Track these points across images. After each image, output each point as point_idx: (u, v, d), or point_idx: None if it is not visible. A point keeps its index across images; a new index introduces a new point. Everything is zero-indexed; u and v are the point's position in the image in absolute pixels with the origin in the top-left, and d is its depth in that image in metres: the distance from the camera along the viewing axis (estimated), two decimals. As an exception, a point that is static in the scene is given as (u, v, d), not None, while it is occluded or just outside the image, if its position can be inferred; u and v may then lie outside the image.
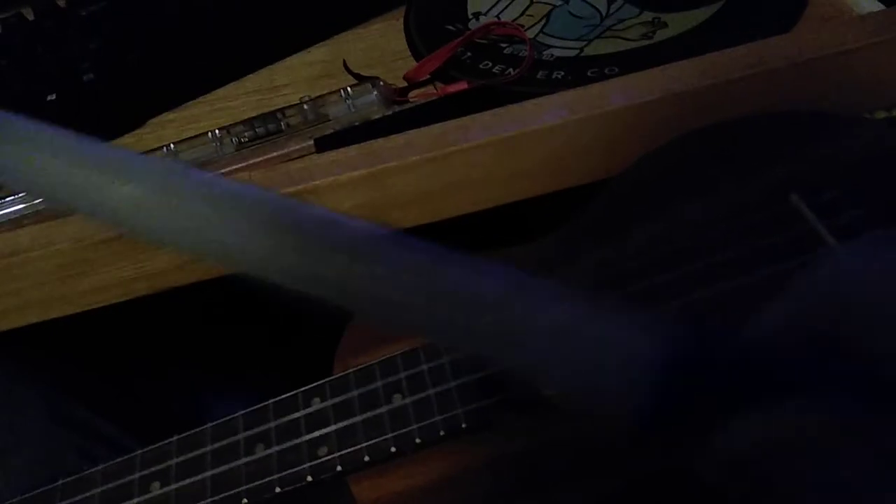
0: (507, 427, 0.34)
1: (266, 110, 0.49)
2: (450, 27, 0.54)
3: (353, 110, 0.48)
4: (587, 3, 0.54)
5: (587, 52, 0.49)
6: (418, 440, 0.34)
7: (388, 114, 0.48)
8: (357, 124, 0.48)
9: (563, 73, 0.48)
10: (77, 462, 0.45)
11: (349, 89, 0.49)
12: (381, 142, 0.43)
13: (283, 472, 0.34)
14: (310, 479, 0.34)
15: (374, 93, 0.49)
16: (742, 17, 0.49)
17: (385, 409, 0.35)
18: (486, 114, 0.43)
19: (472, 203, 0.44)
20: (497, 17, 0.54)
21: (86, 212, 0.23)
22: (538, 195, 0.43)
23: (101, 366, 0.52)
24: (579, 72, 0.48)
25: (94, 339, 0.50)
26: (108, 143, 0.24)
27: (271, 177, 0.43)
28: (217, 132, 0.48)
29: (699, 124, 0.41)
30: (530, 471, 0.34)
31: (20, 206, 0.47)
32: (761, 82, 0.42)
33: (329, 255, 0.21)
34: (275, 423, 0.36)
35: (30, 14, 0.57)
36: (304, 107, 0.48)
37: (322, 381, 0.37)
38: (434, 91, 0.49)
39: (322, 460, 0.34)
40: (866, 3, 0.47)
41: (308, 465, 0.34)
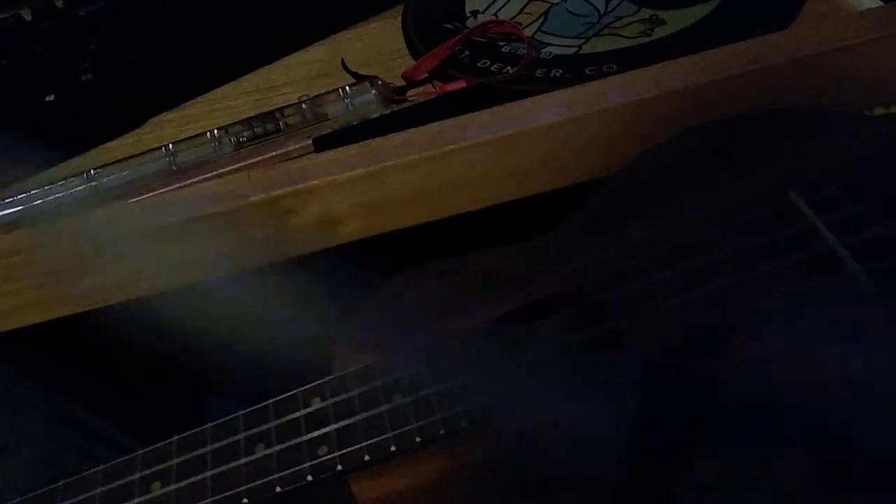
0: (507, 428, 0.34)
1: (264, 110, 0.49)
2: (448, 26, 0.54)
3: (351, 109, 0.48)
4: (585, 0, 0.54)
5: (585, 49, 0.49)
6: (418, 439, 0.34)
7: (386, 113, 0.48)
8: (355, 123, 0.48)
9: (561, 71, 0.48)
10: (77, 462, 0.45)
11: (347, 88, 0.49)
12: (380, 141, 0.43)
13: (284, 472, 0.34)
14: (310, 478, 0.34)
15: (373, 92, 0.49)
16: (740, 14, 0.49)
17: (385, 407, 0.35)
18: (485, 112, 0.43)
19: (471, 201, 0.44)
20: (495, 15, 0.54)
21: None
22: (537, 193, 0.44)
23: (101, 366, 0.52)
24: (577, 70, 0.48)
25: (94, 340, 0.50)
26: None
27: (270, 176, 0.43)
28: (216, 132, 0.48)
29: (698, 121, 0.41)
30: (529, 471, 0.34)
31: (20, 207, 0.47)
32: (760, 79, 0.42)
33: None
34: (275, 422, 0.36)
35: (28, 14, 0.57)
36: (303, 106, 0.48)
37: (322, 380, 0.37)
38: (432, 90, 0.49)
39: (322, 460, 0.34)
40: (864, 0, 0.47)
41: (308, 464, 0.34)
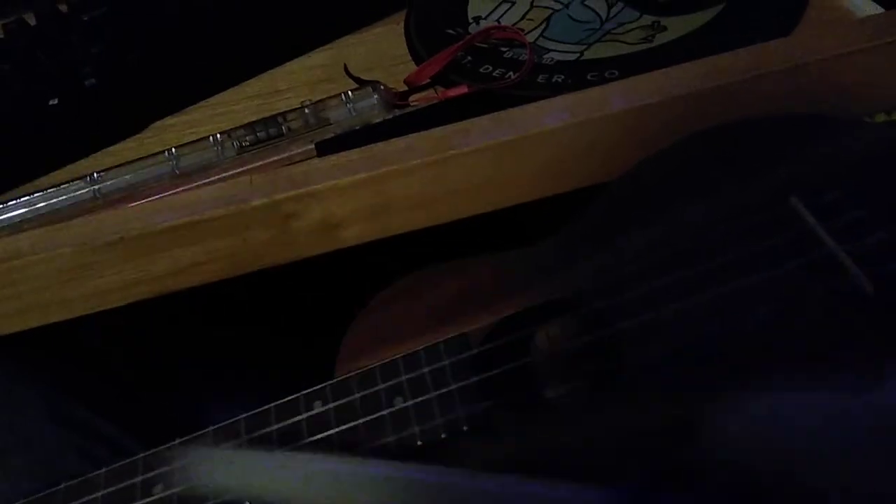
0: (507, 429, 0.34)
1: (267, 114, 0.49)
2: (450, 31, 0.54)
3: (353, 114, 0.48)
4: (587, 7, 0.54)
5: (587, 55, 0.50)
6: (419, 443, 0.34)
7: (388, 118, 0.48)
8: (358, 128, 0.48)
9: (563, 77, 0.48)
10: (77, 462, 0.45)
11: (350, 93, 0.49)
12: (382, 145, 0.43)
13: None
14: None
15: (375, 97, 0.49)
16: (742, 21, 0.49)
17: (386, 411, 0.35)
18: (487, 118, 0.43)
19: (473, 206, 0.44)
20: (497, 21, 0.54)
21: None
22: (538, 199, 0.44)
23: (101, 366, 0.52)
24: (579, 75, 0.48)
25: (94, 340, 0.50)
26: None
27: (272, 180, 0.43)
28: (218, 136, 0.48)
29: (700, 127, 0.41)
30: (531, 473, 0.33)
31: (22, 210, 0.47)
32: (761, 85, 0.42)
33: None
34: (276, 426, 0.36)
35: (32, 19, 0.57)
36: (305, 111, 0.49)
37: (324, 384, 0.37)
38: (434, 95, 0.49)
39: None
40: (865, 6, 0.47)
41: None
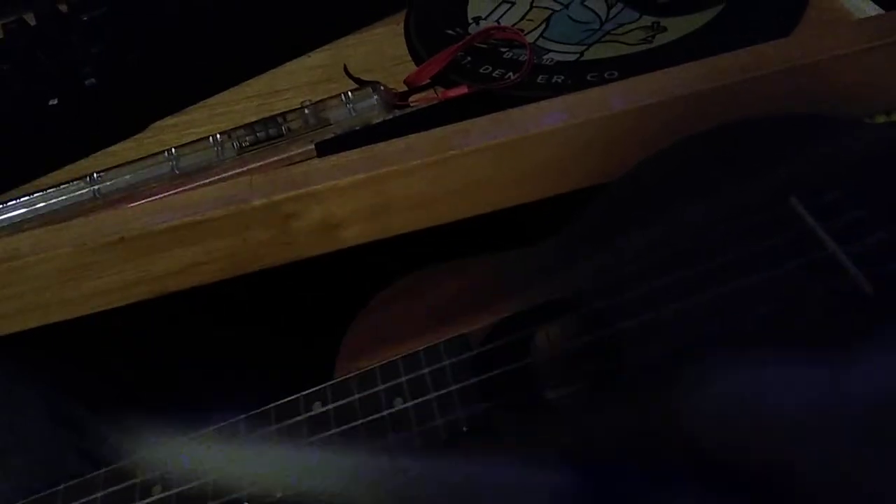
0: (507, 430, 0.34)
1: (267, 115, 0.49)
2: (450, 32, 0.54)
3: (353, 114, 0.48)
4: (587, 7, 0.54)
5: (587, 56, 0.50)
6: (419, 443, 0.34)
7: (388, 118, 0.48)
8: (358, 128, 0.48)
9: (562, 78, 0.48)
10: (77, 462, 0.45)
11: (350, 94, 0.49)
12: (382, 146, 0.43)
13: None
14: (311, 482, 0.34)
15: (375, 97, 0.49)
16: (741, 21, 0.49)
17: (386, 412, 0.35)
18: (486, 118, 0.43)
19: (472, 207, 0.44)
20: (497, 21, 0.54)
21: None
22: (538, 199, 0.44)
23: (101, 366, 0.52)
24: (579, 76, 0.48)
25: (94, 340, 0.49)
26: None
27: (272, 181, 0.43)
28: (218, 136, 0.48)
29: (699, 128, 0.41)
30: (531, 473, 0.33)
31: (21, 210, 0.47)
32: (761, 86, 0.42)
33: None
34: (276, 426, 0.36)
35: (32, 19, 0.57)
36: (305, 111, 0.49)
37: (324, 384, 0.37)
38: (434, 95, 0.49)
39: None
40: (865, 7, 0.47)
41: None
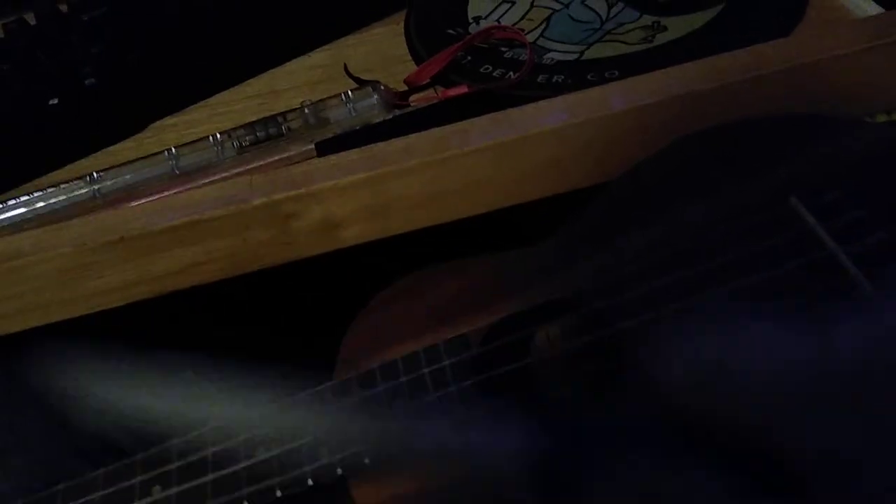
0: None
1: (267, 114, 0.49)
2: (450, 31, 0.54)
3: (353, 114, 0.48)
4: (587, 7, 0.54)
5: (587, 55, 0.50)
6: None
7: (388, 118, 0.48)
8: (358, 128, 0.48)
9: (563, 77, 0.48)
10: (77, 462, 0.45)
11: (350, 93, 0.49)
12: (382, 146, 0.43)
13: (285, 476, 0.34)
14: (311, 482, 0.34)
15: (375, 97, 0.49)
16: (742, 21, 0.49)
17: (386, 412, 0.35)
18: (487, 118, 0.43)
19: (472, 207, 0.44)
20: (497, 21, 0.54)
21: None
22: (538, 198, 0.44)
23: (100, 365, 0.52)
24: (579, 75, 0.48)
25: (94, 340, 0.49)
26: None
27: (272, 180, 0.43)
28: (218, 136, 0.48)
29: (699, 127, 0.41)
30: (531, 473, 0.33)
31: (22, 210, 0.47)
32: (761, 85, 0.42)
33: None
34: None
35: (32, 19, 0.57)
36: (305, 111, 0.49)
37: (324, 385, 0.37)
38: (434, 95, 0.49)
39: (323, 464, 0.34)
40: (865, 6, 0.47)
41: (309, 468, 0.34)
